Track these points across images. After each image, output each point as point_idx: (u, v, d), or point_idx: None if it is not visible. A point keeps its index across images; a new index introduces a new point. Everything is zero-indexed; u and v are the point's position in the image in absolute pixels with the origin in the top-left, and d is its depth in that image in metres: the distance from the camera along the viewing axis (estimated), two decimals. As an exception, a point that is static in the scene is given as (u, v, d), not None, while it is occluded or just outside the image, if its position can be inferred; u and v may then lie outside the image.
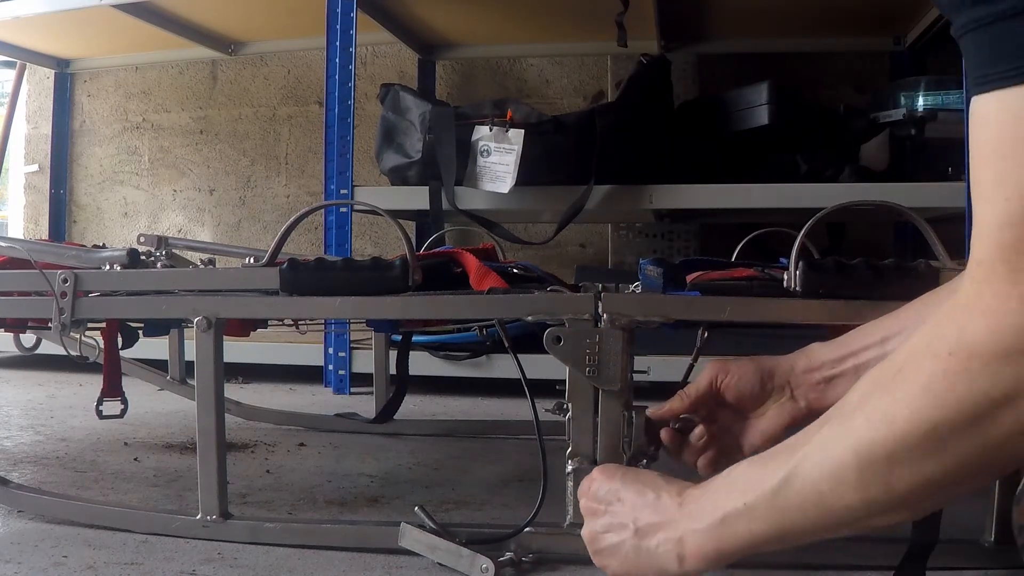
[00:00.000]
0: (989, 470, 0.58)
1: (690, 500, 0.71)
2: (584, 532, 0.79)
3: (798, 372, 0.84)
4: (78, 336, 1.02)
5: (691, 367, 1.05)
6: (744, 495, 0.66)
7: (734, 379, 0.86)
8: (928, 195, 1.88)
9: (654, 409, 0.89)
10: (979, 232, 0.55)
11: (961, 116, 1.88)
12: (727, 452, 0.88)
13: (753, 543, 0.67)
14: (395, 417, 1.60)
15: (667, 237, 2.60)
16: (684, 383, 0.94)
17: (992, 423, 0.54)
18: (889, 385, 0.59)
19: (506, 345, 0.92)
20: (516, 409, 1.85)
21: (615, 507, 0.76)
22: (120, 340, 1.26)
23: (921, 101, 2.07)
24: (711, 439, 0.88)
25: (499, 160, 1.87)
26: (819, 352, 0.83)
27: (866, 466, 0.59)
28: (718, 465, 0.85)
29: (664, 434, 0.88)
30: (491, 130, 1.87)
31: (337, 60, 2.08)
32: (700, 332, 1.05)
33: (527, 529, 0.88)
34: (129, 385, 1.36)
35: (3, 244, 1.17)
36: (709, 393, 0.88)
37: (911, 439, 0.57)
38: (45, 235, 3.09)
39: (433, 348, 2.01)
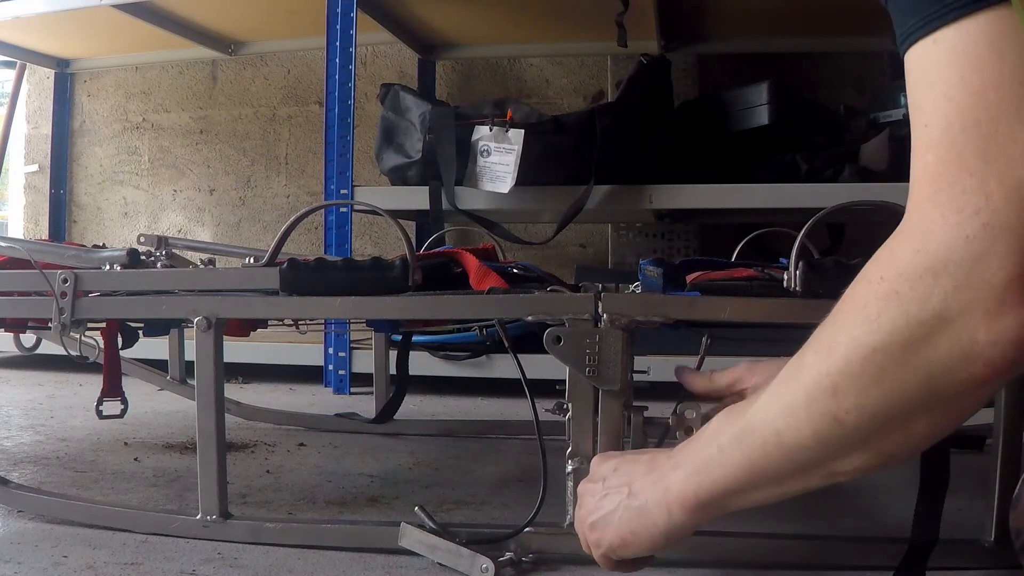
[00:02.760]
0: (940, 407, 0.56)
1: (677, 452, 0.72)
2: (577, 512, 0.78)
3: None
4: (78, 336, 1.02)
5: None
6: (718, 440, 0.67)
7: (759, 381, 0.86)
8: (928, 195, 1.87)
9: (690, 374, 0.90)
10: (912, 164, 0.56)
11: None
12: None
13: (727, 489, 0.66)
14: (395, 417, 1.60)
15: (667, 237, 2.60)
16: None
17: (928, 348, 0.54)
18: (833, 317, 0.60)
19: (506, 345, 0.92)
20: (516, 409, 1.85)
21: (611, 479, 0.76)
22: (120, 340, 1.26)
23: (921, 101, 2.06)
24: None
25: (499, 160, 1.87)
26: None
27: (813, 398, 0.59)
28: None
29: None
30: (491, 130, 1.87)
31: (337, 60, 2.08)
32: (704, 339, 1.05)
33: (527, 529, 0.88)
34: (129, 385, 1.36)
35: (3, 244, 1.17)
36: (730, 390, 0.89)
37: (851, 366, 0.57)
38: (45, 235, 3.08)
39: (433, 348, 2.01)
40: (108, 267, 1.05)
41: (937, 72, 0.55)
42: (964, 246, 0.52)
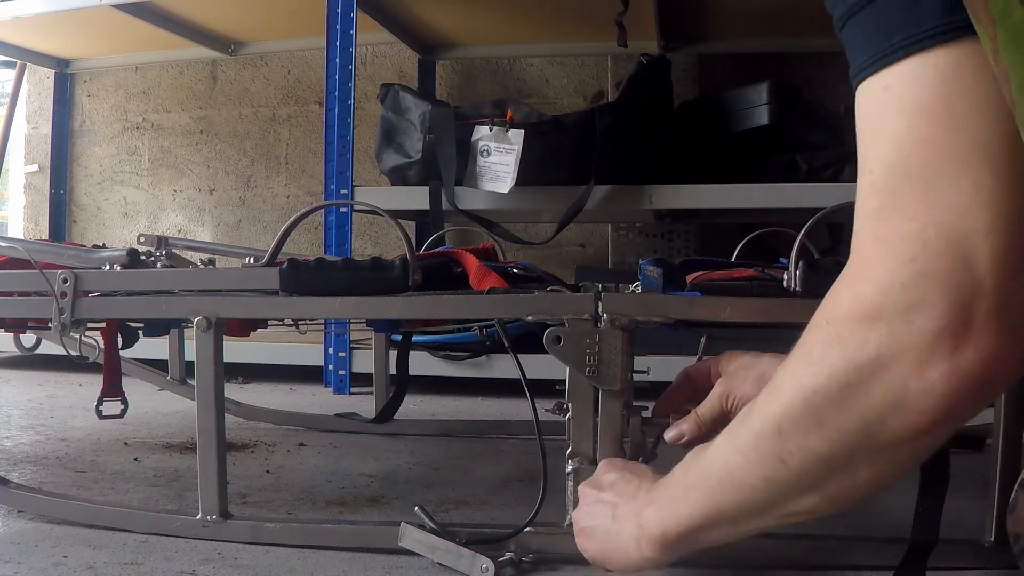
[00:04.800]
0: (881, 455, 0.57)
1: (656, 487, 0.74)
2: (574, 513, 0.82)
3: None
4: (78, 336, 1.02)
5: None
6: (683, 480, 0.69)
7: (746, 389, 0.81)
8: (928, 195, 1.88)
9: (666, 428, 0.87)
10: (856, 207, 0.57)
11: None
12: None
13: (691, 527, 0.68)
14: (395, 417, 1.60)
15: (667, 237, 2.60)
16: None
17: (864, 393, 0.54)
18: (787, 360, 0.61)
19: (506, 345, 0.92)
20: (516, 409, 1.85)
21: (606, 493, 0.79)
22: (120, 340, 1.26)
23: (921, 101, 2.06)
24: None
25: (499, 160, 1.87)
26: None
27: (760, 439, 0.60)
28: None
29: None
30: (491, 130, 1.87)
31: (337, 60, 2.08)
32: (703, 339, 1.05)
33: (527, 529, 0.88)
34: (129, 385, 1.36)
35: (3, 244, 1.17)
36: (723, 415, 0.83)
37: (794, 409, 0.58)
38: (45, 235, 3.08)
39: (433, 348, 2.01)
40: (108, 267, 1.05)
41: (886, 118, 0.55)
42: (899, 293, 0.52)
